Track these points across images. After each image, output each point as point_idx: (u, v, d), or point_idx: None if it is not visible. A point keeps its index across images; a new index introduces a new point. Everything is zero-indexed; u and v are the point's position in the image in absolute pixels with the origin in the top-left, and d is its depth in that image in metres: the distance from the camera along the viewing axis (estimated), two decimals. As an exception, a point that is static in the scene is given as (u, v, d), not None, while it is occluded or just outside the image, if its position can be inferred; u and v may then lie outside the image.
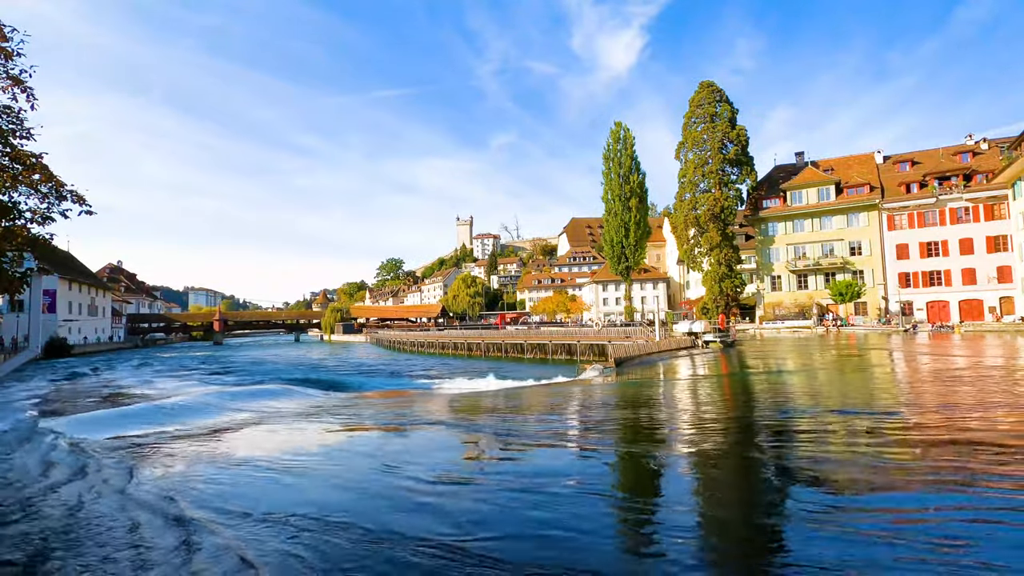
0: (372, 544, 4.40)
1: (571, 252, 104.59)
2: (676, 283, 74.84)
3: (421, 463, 7.27)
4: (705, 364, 21.53)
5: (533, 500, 5.38)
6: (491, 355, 37.66)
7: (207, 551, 4.41)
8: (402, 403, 15.79)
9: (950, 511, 4.72)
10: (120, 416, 13.06)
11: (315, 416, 12.55)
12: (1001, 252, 40.76)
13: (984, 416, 8.72)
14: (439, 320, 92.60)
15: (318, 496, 5.86)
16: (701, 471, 6.67)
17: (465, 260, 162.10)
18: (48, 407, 15.37)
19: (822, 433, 8.15)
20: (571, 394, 15.41)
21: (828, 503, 4.97)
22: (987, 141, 45.94)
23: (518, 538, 4.43)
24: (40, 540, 4.89)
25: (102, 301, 63.82)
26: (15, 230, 18.31)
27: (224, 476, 6.92)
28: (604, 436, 8.99)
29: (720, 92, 47.88)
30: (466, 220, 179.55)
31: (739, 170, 46.92)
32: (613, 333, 37.02)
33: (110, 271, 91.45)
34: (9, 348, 38.00)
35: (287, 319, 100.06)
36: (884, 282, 44.92)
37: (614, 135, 50.30)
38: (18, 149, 18.09)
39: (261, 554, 4.26)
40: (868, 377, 15.61)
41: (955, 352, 21.50)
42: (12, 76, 17.35)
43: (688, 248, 48.75)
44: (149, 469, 7.39)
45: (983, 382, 12.95)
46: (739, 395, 13.23)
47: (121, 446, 9.14)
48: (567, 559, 3.98)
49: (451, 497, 5.70)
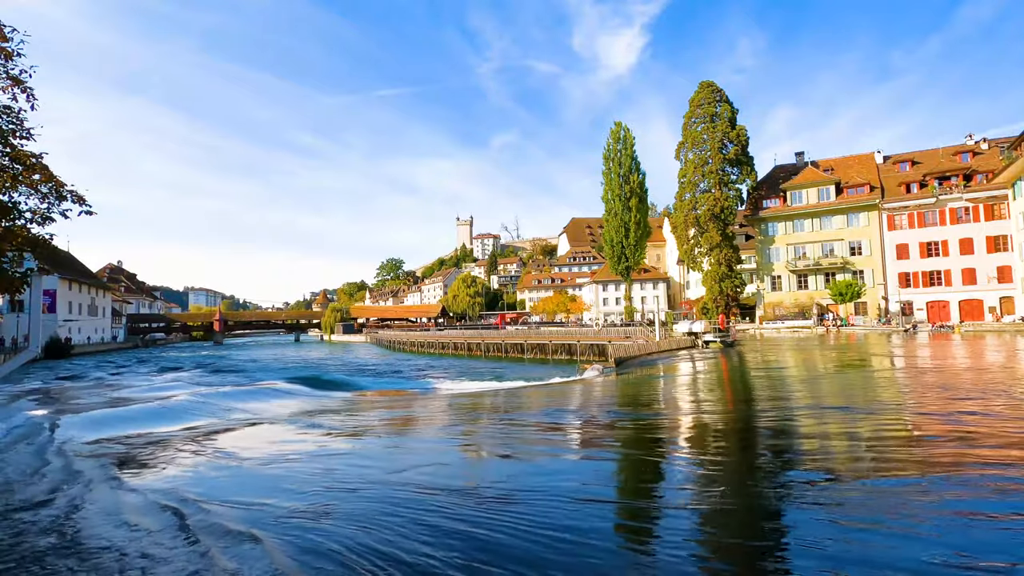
0: (370, 546, 4.39)
1: (571, 252, 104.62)
2: (676, 283, 74.85)
3: (421, 464, 7.26)
4: (705, 364, 21.52)
5: (532, 501, 5.37)
6: (491, 355, 37.66)
7: (208, 550, 4.40)
8: (402, 403, 15.79)
9: (947, 501, 4.72)
10: (120, 416, 13.05)
11: (315, 416, 12.54)
12: (1001, 252, 40.76)
13: (983, 414, 8.72)
14: (439, 320, 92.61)
15: (318, 496, 5.86)
16: (701, 471, 6.66)
17: (465, 260, 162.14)
18: (48, 407, 15.36)
19: (822, 433, 8.15)
20: (571, 394, 15.40)
21: (826, 504, 4.96)
22: (987, 141, 45.95)
23: (517, 540, 4.42)
24: (35, 541, 4.89)
25: (102, 301, 63.82)
26: (15, 230, 18.28)
27: (224, 476, 6.92)
28: (604, 436, 8.99)
29: (720, 92, 47.89)
30: (466, 220, 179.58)
31: (739, 170, 46.93)
32: (613, 333, 37.03)
33: (110, 271, 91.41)
34: (9, 348, 37.99)
35: (287, 319, 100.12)
36: (884, 282, 44.92)
37: (614, 135, 50.30)
38: (18, 149, 18.06)
39: (262, 553, 4.26)
40: (868, 377, 15.59)
41: (955, 352, 21.50)
42: (12, 76, 17.31)
43: (688, 248, 48.75)
44: (149, 469, 7.39)
45: (982, 382, 12.95)
46: (739, 395, 13.22)
47: (122, 446, 9.13)
48: (567, 563, 3.98)
49: (451, 497, 5.69)
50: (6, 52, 16.99)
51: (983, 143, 46.00)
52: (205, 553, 4.38)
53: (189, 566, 4.13)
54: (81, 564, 4.31)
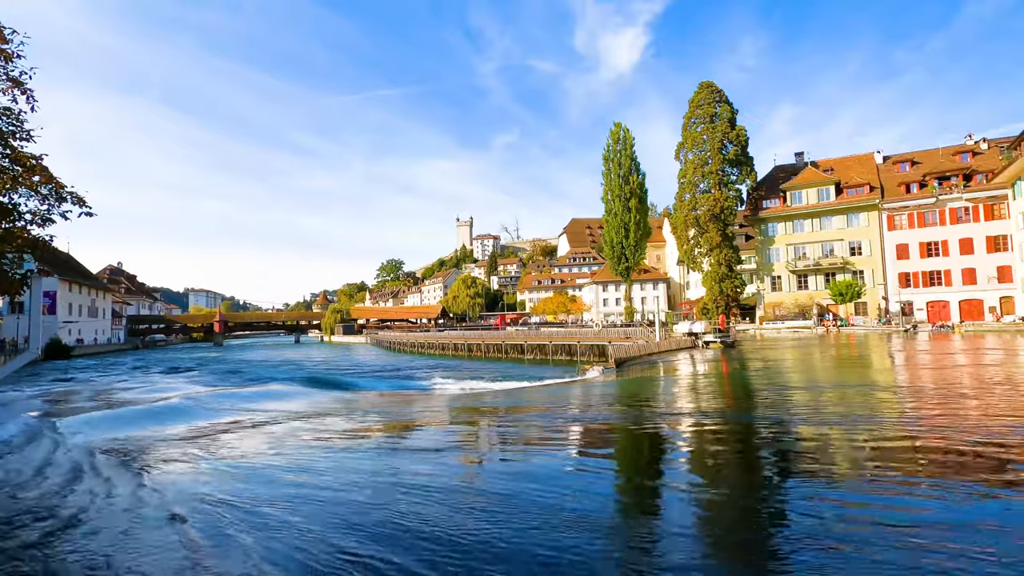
0: (369, 549, 4.39)
1: (571, 253, 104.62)
2: (676, 283, 74.83)
3: (420, 464, 7.26)
4: (705, 365, 21.51)
5: (531, 501, 5.37)
6: (491, 356, 37.65)
7: (207, 550, 4.41)
8: (402, 404, 15.78)
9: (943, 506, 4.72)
10: (121, 417, 13.06)
11: (315, 417, 12.54)
12: (1001, 252, 40.74)
13: (982, 412, 8.72)
14: (439, 321, 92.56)
15: (317, 496, 5.86)
16: (701, 471, 6.66)
17: (465, 261, 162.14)
18: (49, 408, 15.37)
19: (822, 435, 8.15)
20: (571, 395, 15.40)
21: (823, 508, 4.96)
22: (987, 141, 45.94)
23: (516, 540, 4.42)
24: (42, 540, 4.89)
25: (102, 303, 63.82)
26: (15, 232, 18.30)
27: (223, 476, 6.91)
28: (604, 437, 8.99)
29: (720, 92, 47.91)
30: (466, 221, 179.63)
31: (739, 170, 46.92)
32: (613, 334, 37.02)
33: (110, 272, 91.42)
34: (9, 350, 37.99)
35: (287, 320, 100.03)
36: (884, 282, 44.91)
37: (614, 136, 50.32)
38: (18, 151, 18.09)
39: (262, 554, 4.26)
40: (868, 377, 15.59)
41: (955, 352, 21.49)
42: (12, 78, 17.33)
43: (688, 248, 48.74)
44: (150, 469, 7.39)
45: (982, 382, 12.94)
46: (739, 396, 13.22)
47: (122, 447, 9.13)
48: (567, 564, 3.98)
49: (451, 497, 5.69)
50: (6, 54, 17.01)
51: (983, 143, 46.00)
52: (197, 550, 4.38)
53: (190, 565, 4.14)
54: (84, 563, 4.31)
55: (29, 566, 4.39)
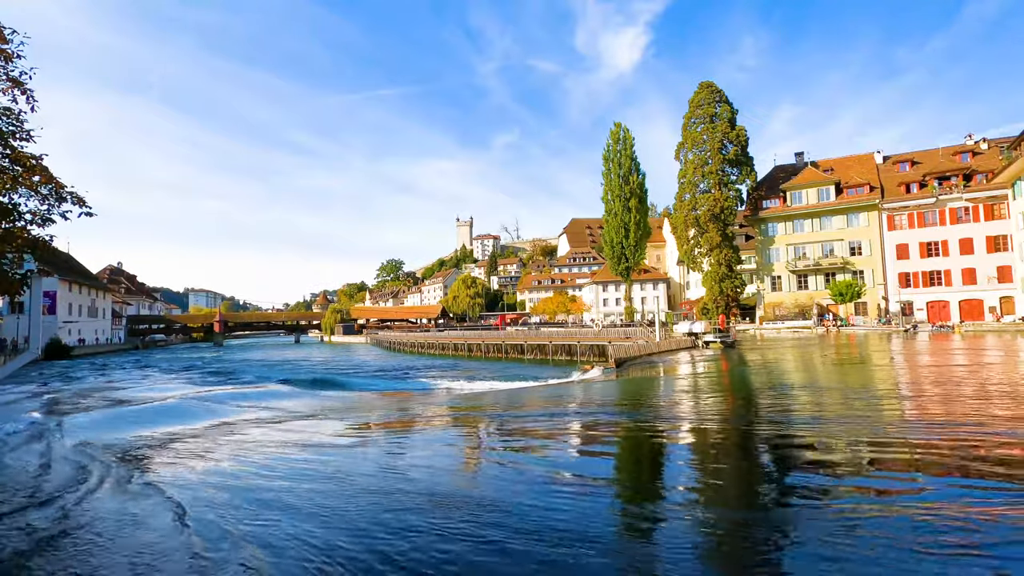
0: (368, 550, 4.39)
1: (571, 253, 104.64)
2: (676, 283, 74.86)
3: (420, 465, 7.26)
4: (705, 365, 21.51)
5: (530, 502, 5.37)
6: (491, 356, 37.66)
7: (207, 550, 4.41)
8: (402, 404, 15.78)
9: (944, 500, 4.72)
10: (121, 417, 13.06)
11: (315, 417, 12.54)
12: (1001, 252, 40.75)
13: (982, 412, 8.72)
14: (439, 321, 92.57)
15: (317, 496, 5.86)
16: (701, 472, 6.66)
17: (465, 261, 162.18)
18: (50, 408, 15.36)
19: (823, 436, 8.14)
20: (571, 395, 15.39)
21: (825, 504, 4.96)
22: (987, 141, 45.94)
23: (515, 541, 4.42)
24: (42, 540, 4.89)
25: (102, 303, 63.83)
26: (15, 232, 18.30)
27: (224, 476, 6.91)
28: (604, 437, 8.98)
29: (720, 92, 47.90)
30: (466, 221, 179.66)
31: (739, 170, 46.92)
32: (613, 334, 37.03)
33: (110, 273, 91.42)
34: (9, 350, 37.99)
35: (287, 320, 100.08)
36: (884, 282, 44.92)
37: (614, 136, 50.32)
38: (18, 151, 18.09)
39: (262, 554, 4.26)
40: (868, 377, 15.58)
41: (955, 351, 21.49)
42: (12, 78, 17.33)
43: (688, 248, 48.74)
44: (150, 469, 7.39)
45: (982, 382, 12.95)
46: (740, 396, 13.21)
47: (122, 446, 9.13)
48: (567, 565, 3.98)
49: (448, 499, 5.69)
50: (6, 54, 17.01)
51: (983, 143, 46.00)
52: (198, 552, 4.38)
53: (190, 566, 4.14)
54: (86, 561, 4.31)
55: (29, 566, 4.39)
